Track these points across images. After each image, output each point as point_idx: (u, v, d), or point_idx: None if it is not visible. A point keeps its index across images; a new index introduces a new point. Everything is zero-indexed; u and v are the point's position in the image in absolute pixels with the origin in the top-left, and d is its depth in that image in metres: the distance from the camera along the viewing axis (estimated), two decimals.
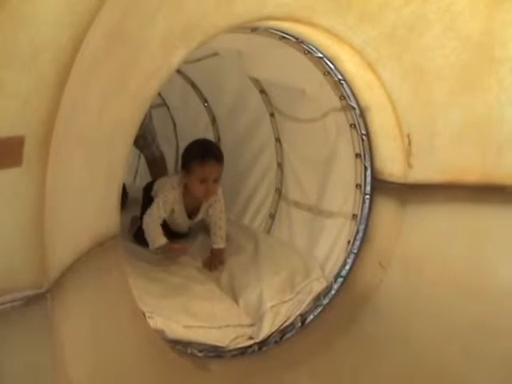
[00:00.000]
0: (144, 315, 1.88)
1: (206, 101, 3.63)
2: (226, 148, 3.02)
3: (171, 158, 4.17)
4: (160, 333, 1.90)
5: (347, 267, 2.42)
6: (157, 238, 2.67)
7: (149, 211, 2.73)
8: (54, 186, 1.09)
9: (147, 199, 2.98)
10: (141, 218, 2.87)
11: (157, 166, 3.83)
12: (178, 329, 1.97)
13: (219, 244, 2.83)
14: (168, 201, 2.75)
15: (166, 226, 2.84)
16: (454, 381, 1.79)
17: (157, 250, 2.68)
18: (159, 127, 3.92)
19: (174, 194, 2.78)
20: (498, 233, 1.89)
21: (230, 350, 2.05)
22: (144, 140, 3.59)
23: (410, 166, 2.13)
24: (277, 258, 2.69)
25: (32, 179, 1.03)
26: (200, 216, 2.95)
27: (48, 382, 1.15)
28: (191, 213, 2.91)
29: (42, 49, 0.95)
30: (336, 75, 2.29)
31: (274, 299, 2.29)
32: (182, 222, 2.93)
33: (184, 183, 2.76)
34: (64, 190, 1.19)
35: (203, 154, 2.67)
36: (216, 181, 2.70)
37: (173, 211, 2.82)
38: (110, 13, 1.08)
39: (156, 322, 1.91)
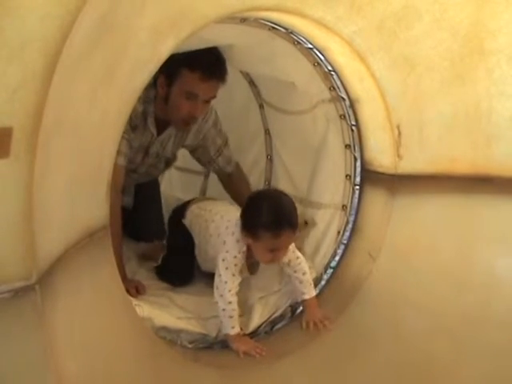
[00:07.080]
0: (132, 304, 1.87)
1: None
2: None
3: None
4: (148, 321, 1.89)
5: (337, 258, 2.43)
6: (233, 324, 2.02)
7: (223, 285, 2.04)
8: (42, 177, 1.09)
9: (178, 227, 2.44)
10: (168, 249, 2.52)
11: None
12: (165, 316, 1.97)
13: (310, 292, 2.20)
14: (238, 263, 2.08)
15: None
16: (443, 371, 1.80)
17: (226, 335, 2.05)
18: None
19: (240, 250, 2.09)
20: (487, 223, 1.91)
21: (219, 341, 2.06)
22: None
23: (399, 156, 2.14)
24: None
25: (20, 171, 1.03)
26: None
27: (38, 373, 1.15)
28: (252, 266, 2.28)
29: (30, 39, 0.94)
30: (326, 66, 2.29)
31: (262, 290, 2.29)
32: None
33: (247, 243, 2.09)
34: (53, 182, 1.18)
35: (277, 224, 1.99)
36: (288, 246, 2.09)
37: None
38: (98, 3, 1.08)
39: (143, 310, 1.91)
